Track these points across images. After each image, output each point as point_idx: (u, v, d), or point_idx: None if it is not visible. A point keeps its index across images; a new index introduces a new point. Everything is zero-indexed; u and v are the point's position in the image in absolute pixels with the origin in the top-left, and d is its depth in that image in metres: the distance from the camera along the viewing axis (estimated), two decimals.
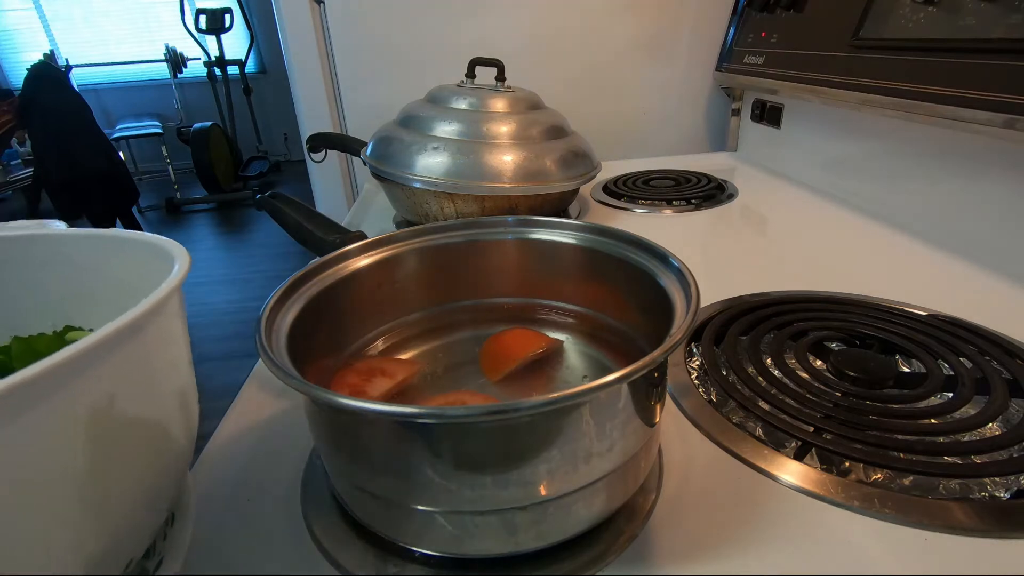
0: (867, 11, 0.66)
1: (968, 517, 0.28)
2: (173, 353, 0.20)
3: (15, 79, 3.98)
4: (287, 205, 0.53)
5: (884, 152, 0.70)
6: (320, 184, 1.13)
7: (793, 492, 0.31)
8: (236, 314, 2.32)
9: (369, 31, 0.99)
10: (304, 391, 0.22)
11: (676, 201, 0.80)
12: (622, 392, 0.24)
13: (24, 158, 2.74)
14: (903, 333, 0.43)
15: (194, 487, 0.25)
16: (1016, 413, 0.36)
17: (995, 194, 0.56)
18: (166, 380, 0.19)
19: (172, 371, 0.20)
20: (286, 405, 0.40)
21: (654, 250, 0.33)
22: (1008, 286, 0.52)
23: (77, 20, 4.16)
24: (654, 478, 0.32)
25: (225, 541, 0.30)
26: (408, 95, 0.73)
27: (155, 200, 3.77)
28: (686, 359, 0.43)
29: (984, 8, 0.52)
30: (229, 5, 3.74)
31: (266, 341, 0.26)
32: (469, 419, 0.22)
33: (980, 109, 0.50)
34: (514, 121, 0.64)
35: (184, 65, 4.02)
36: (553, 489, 0.24)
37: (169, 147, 3.81)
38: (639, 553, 0.28)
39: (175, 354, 0.20)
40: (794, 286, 0.53)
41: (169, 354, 0.19)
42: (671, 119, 1.12)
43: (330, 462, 0.28)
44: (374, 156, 0.66)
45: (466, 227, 0.39)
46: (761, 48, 0.89)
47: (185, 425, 0.21)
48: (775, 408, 0.36)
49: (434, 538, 0.25)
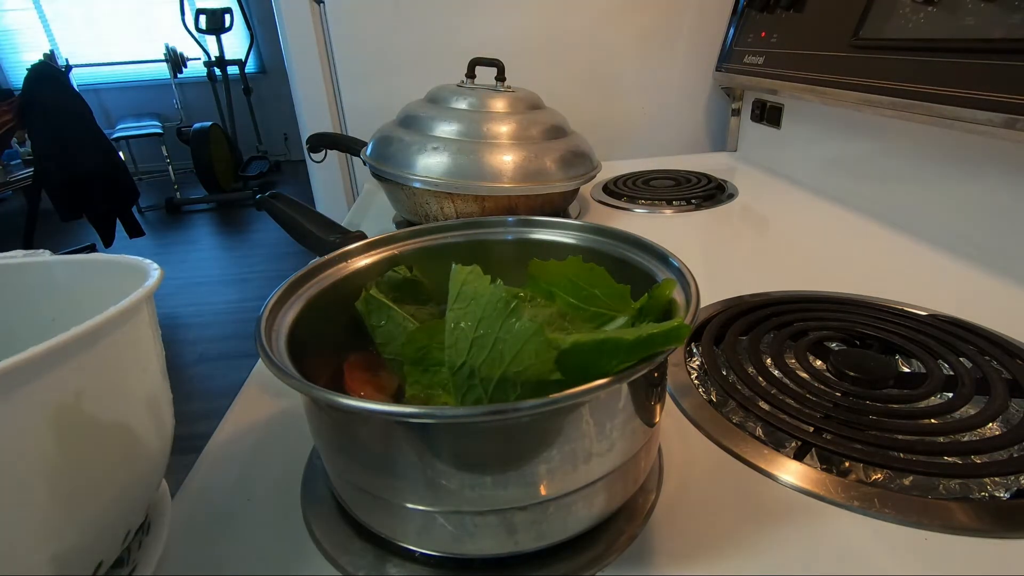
0: (867, 11, 0.66)
1: (968, 517, 0.28)
2: (143, 359, 0.21)
3: (15, 79, 3.98)
4: (287, 205, 0.53)
5: (884, 152, 0.70)
6: (320, 184, 1.13)
7: (793, 492, 0.31)
8: (236, 314, 2.32)
9: (369, 31, 0.99)
10: (304, 391, 0.22)
11: (676, 201, 0.80)
12: (622, 392, 0.24)
13: (24, 158, 2.73)
14: (903, 333, 0.43)
15: (169, 496, 0.26)
16: (1016, 413, 0.36)
17: (995, 194, 0.56)
18: (136, 384, 0.20)
19: (142, 375, 0.21)
20: (286, 405, 0.40)
21: (654, 250, 0.33)
22: (1008, 286, 0.52)
23: (77, 20, 4.16)
24: (654, 478, 0.32)
25: (225, 541, 0.30)
26: (408, 95, 0.73)
27: (155, 200, 3.77)
28: (686, 359, 0.43)
29: (984, 8, 0.52)
30: (229, 5, 3.74)
31: (266, 341, 0.26)
32: (469, 419, 0.22)
33: (980, 109, 0.50)
34: (514, 121, 0.64)
35: (184, 65, 4.02)
36: (553, 489, 0.24)
37: (169, 147, 3.81)
38: (639, 553, 0.28)
39: (144, 360, 0.21)
40: (794, 286, 0.53)
41: (138, 360, 0.21)
42: (671, 119, 1.12)
43: (330, 462, 0.28)
44: (374, 156, 0.66)
45: (466, 227, 0.39)
46: (761, 48, 0.89)
47: (156, 432, 0.22)
48: (775, 408, 0.36)
49: (434, 538, 0.25)
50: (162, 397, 0.23)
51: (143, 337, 0.21)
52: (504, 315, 0.23)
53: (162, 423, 0.22)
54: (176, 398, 0.25)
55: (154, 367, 0.22)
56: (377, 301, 0.33)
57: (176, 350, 2.11)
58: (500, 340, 0.23)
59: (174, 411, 0.25)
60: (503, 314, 0.23)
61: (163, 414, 0.23)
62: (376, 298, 0.33)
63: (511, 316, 0.23)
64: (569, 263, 0.30)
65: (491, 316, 0.23)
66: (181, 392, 1.83)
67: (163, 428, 0.23)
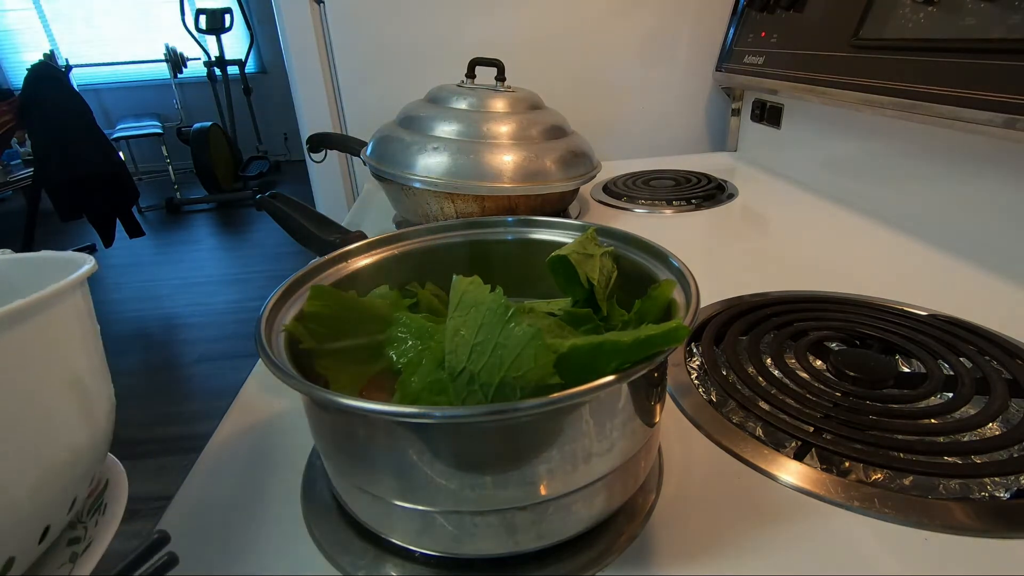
0: (867, 11, 0.66)
1: (968, 517, 0.28)
2: (66, 346, 0.23)
3: (15, 79, 3.98)
4: (287, 205, 0.53)
5: (884, 152, 0.70)
6: (320, 184, 1.13)
7: (793, 492, 0.31)
8: (236, 314, 2.32)
9: (369, 31, 0.99)
10: (304, 391, 0.22)
11: (676, 201, 0.80)
12: (622, 392, 0.24)
13: (24, 158, 2.74)
14: (903, 333, 0.43)
15: (125, 479, 0.27)
16: (1016, 413, 0.36)
17: (995, 194, 0.56)
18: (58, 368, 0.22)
19: (62, 363, 0.23)
20: (286, 405, 0.40)
21: (654, 250, 0.33)
22: (1008, 286, 0.52)
23: (77, 20, 4.16)
24: (654, 478, 0.32)
25: (225, 541, 0.30)
26: (408, 95, 0.73)
27: (155, 200, 3.77)
28: (686, 359, 0.43)
29: (984, 8, 0.52)
30: (229, 5, 3.74)
31: (266, 341, 0.26)
32: (469, 419, 0.22)
33: (980, 109, 0.50)
34: (514, 121, 0.64)
35: (184, 65, 4.02)
36: (553, 489, 0.24)
37: (169, 147, 3.81)
38: (639, 553, 0.28)
39: (68, 347, 0.23)
40: (794, 286, 0.53)
41: (60, 345, 0.22)
42: (671, 119, 1.12)
43: (330, 462, 0.28)
44: (374, 156, 0.66)
45: (466, 227, 0.39)
46: (761, 48, 0.89)
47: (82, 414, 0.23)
48: (775, 408, 0.36)
49: (434, 538, 0.25)
50: (91, 385, 0.24)
51: (72, 319, 0.23)
52: (503, 321, 0.23)
53: (89, 408, 0.24)
54: (176, 398, 0.25)
55: (82, 354, 0.24)
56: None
57: (176, 350, 2.11)
58: (500, 345, 0.23)
59: (118, 399, 0.27)
60: (502, 320, 0.23)
61: (92, 402, 0.24)
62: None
63: (510, 322, 0.23)
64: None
65: (491, 322, 0.24)
66: (181, 392, 1.85)
67: (91, 413, 0.24)
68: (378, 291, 0.35)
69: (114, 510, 0.26)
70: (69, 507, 0.23)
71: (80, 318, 0.24)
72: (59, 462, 0.22)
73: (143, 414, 1.69)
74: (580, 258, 0.32)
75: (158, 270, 2.81)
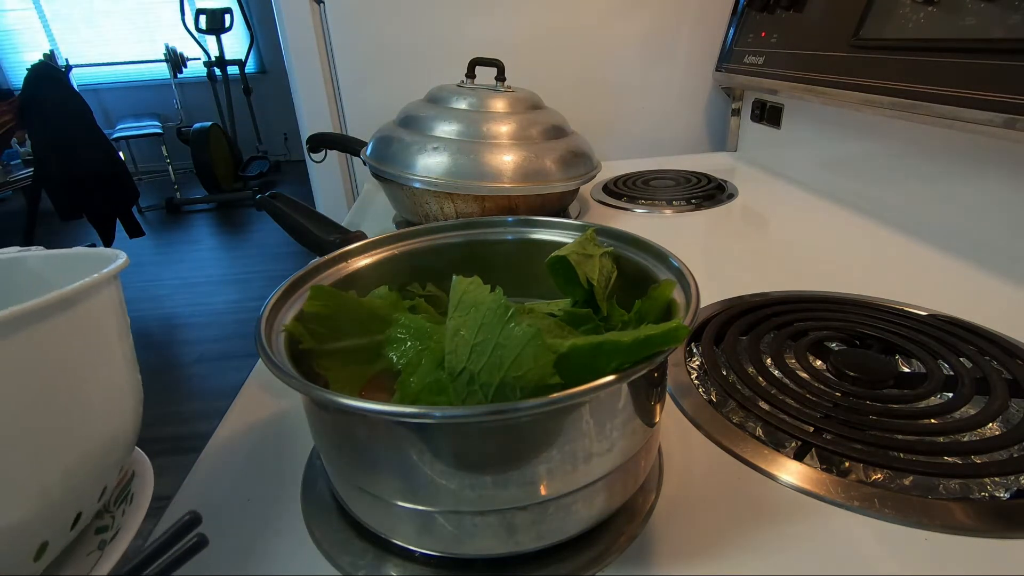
0: (867, 11, 0.66)
1: (968, 517, 0.28)
2: (106, 334, 0.24)
3: (15, 79, 3.98)
4: (287, 205, 0.53)
5: (884, 152, 0.70)
6: (320, 184, 1.13)
7: (793, 492, 0.31)
8: (235, 314, 2.32)
9: (369, 31, 0.99)
10: (304, 391, 0.22)
11: (676, 201, 0.80)
12: (622, 392, 0.24)
13: (24, 158, 2.74)
14: (903, 333, 0.43)
15: (151, 472, 0.28)
16: (1016, 413, 0.36)
17: (995, 194, 0.56)
18: (98, 357, 0.23)
19: (104, 350, 0.23)
20: (286, 405, 0.40)
21: (654, 250, 0.33)
22: (1008, 286, 0.52)
23: (77, 20, 4.16)
24: (654, 478, 0.32)
25: (225, 541, 0.30)
26: (408, 95, 0.73)
27: (155, 200, 3.77)
28: (686, 359, 0.43)
29: (984, 8, 0.52)
30: (229, 5, 3.74)
31: (266, 341, 0.26)
32: (469, 419, 0.22)
33: (980, 109, 0.50)
34: (514, 121, 0.64)
35: (184, 65, 4.02)
36: (553, 489, 0.24)
37: (169, 147, 3.81)
38: (639, 553, 0.28)
39: (108, 334, 0.24)
40: (794, 286, 0.53)
41: (102, 333, 0.23)
42: (671, 119, 1.12)
43: (330, 462, 0.28)
44: (374, 156, 0.66)
45: (466, 227, 0.39)
46: (761, 48, 0.89)
47: (116, 403, 0.24)
48: (775, 408, 0.36)
49: (434, 538, 0.25)
50: (126, 374, 0.25)
51: (109, 310, 0.24)
52: (503, 321, 0.23)
53: (123, 395, 0.25)
54: (176, 398, 0.26)
55: (117, 345, 0.24)
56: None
57: (176, 350, 2.11)
58: (500, 346, 0.23)
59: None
60: (502, 320, 0.23)
61: (125, 387, 0.25)
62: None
63: (510, 322, 0.23)
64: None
65: (491, 322, 0.24)
66: (181, 392, 1.84)
67: (125, 400, 0.25)
68: (378, 291, 0.35)
69: (140, 500, 0.26)
70: (99, 495, 0.24)
71: (115, 310, 0.24)
72: (93, 449, 0.23)
73: (143, 414, 1.68)
74: (580, 258, 0.32)
75: (158, 270, 2.81)
